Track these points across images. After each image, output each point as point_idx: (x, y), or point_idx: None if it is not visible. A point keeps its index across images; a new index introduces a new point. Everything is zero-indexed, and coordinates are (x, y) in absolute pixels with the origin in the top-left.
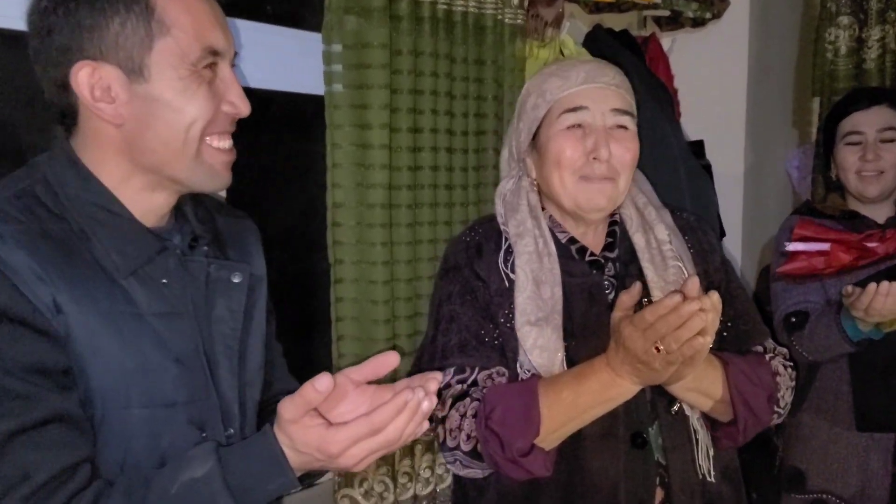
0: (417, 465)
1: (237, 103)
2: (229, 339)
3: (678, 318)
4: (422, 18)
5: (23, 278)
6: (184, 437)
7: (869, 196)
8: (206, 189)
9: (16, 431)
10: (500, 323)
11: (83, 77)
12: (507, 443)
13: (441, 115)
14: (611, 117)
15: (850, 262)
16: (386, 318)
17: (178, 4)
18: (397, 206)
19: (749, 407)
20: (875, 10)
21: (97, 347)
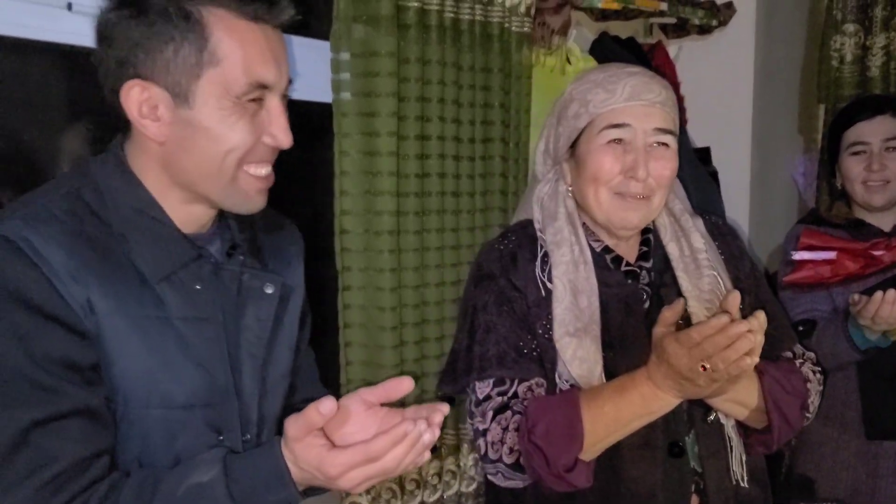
0: (425, 471)
1: (278, 136)
2: (254, 347)
3: (726, 339)
4: (429, 27)
5: (60, 277)
6: (200, 440)
7: (875, 205)
8: (237, 211)
9: (41, 421)
10: (539, 334)
11: (134, 94)
12: (551, 458)
13: (448, 123)
14: (652, 136)
15: (857, 270)
16: (393, 325)
17: (232, 37)
18: (405, 213)
19: (783, 415)
20: (880, 17)
21: (123, 348)
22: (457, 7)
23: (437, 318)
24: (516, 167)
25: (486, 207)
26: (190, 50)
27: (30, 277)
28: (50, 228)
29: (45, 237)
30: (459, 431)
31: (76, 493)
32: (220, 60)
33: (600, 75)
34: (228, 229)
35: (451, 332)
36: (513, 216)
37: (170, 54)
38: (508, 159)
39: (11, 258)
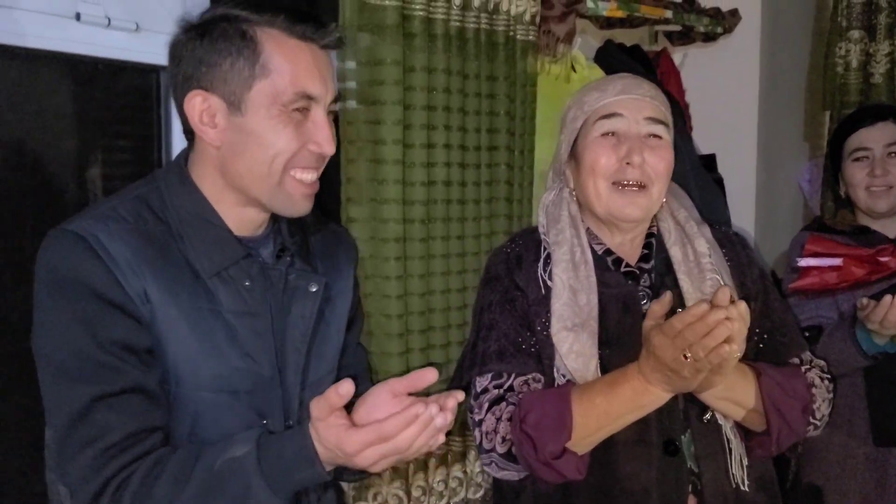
0: (431, 479)
1: (322, 144)
2: (298, 341)
3: (705, 326)
4: (434, 35)
5: (122, 269)
6: (245, 422)
7: (879, 211)
8: (283, 213)
9: (101, 396)
10: (538, 331)
11: (196, 103)
12: (539, 446)
13: (454, 131)
14: (645, 126)
15: (863, 276)
16: (399, 333)
17: (282, 52)
18: (410, 220)
19: (783, 417)
20: (884, 24)
21: (175, 334)
22: (462, 16)
23: (442, 326)
24: (521, 175)
25: (492, 215)
26: (244, 63)
27: (96, 269)
28: (116, 226)
29: (112, 234)
30: (466, 438)
31: (127, 463)
32: (270, 72)
33: (594, 82)
34: (280, 233)
35: (456, 340)
36: (518, 224)
37: (227, 67)
38: (514, 167)
39: (81, 251)
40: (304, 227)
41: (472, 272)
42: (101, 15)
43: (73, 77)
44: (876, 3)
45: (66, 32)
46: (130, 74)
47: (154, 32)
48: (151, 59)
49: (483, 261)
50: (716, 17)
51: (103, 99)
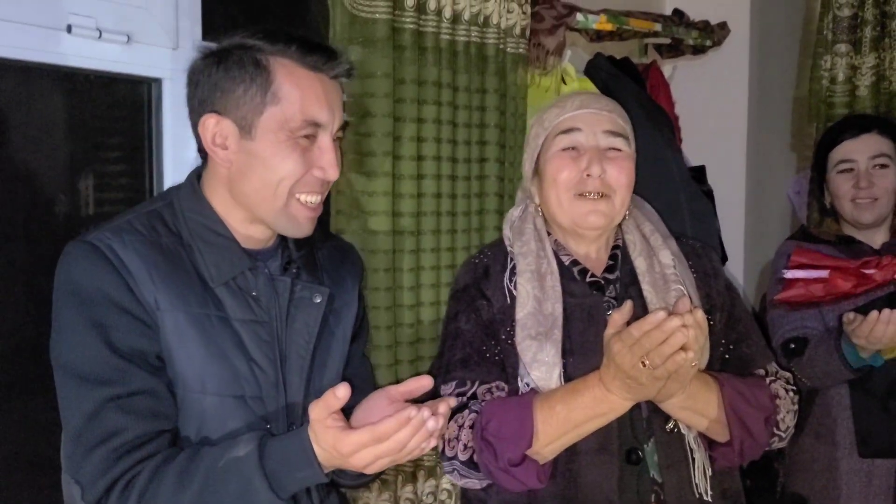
0: (420, 490)
1: (327, 169)
2: (302, 349)
3: (661, 333)
4: (425, 48)
5: (134, 278)
6: (250, 427)
7: (864, 223)
8: (287, 234)
9: (113, 397)
10: (502, 339)
11: (210, 125)
12: (499, 453)
13: (444, 143)
14: (603, 138)
15: (850, 289)
16: (388, 344)
17: (292, 81)
18: (400, 232)
19: (745, 427)
20: (870, 37)
21: (183, 340)
22: (452, 29)
23: (431, 337)
24: (511, 187)
25: (482, 227)
26: (257, 90)
27: (110, 278)
28: (131, 238)
29: (126, 245)
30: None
31: (135, 462)
32: (281, 100)
33: (554, 101)
34: (287, 247)
35: None
36: None
37: (240, 93)
38: (504, 179)
39: (96, 261)
40: (311, 241)
41: None
42: (92, 27)
43: (65, 89)
44: (862, 17)
45: (58, 45)
46: (122, 86)
47: (146, 45)
48: (143, 72)
49: None
50: (705, 30)
51: (95, 111)
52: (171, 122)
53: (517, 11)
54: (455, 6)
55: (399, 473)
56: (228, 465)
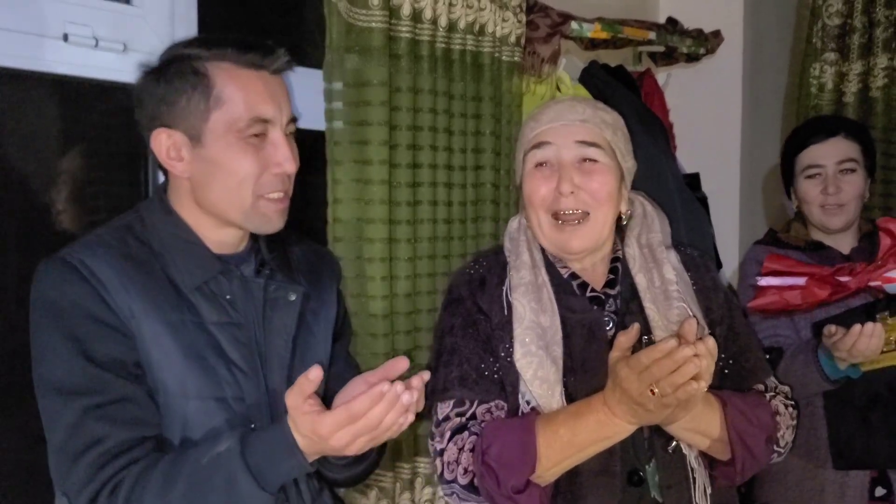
0: (418, 498)
1: (283, 163)
2: (281, 349)
3: (673, 363)
4: (420, 57)
5: (108, 289)
6: (233, 427)
7: (832, 228)
8: (259, 232)
9: (93, 406)
10: (501, 357)
11: (162, 140)
12: (502, 480)
13: (440, 151)
14: (575, 150)
15: (826, 297)
16: (385, 352)
17: (233, 82)
18: (396, 240)
19: (747, 447)
20: (857, 44)
21: (160, 346)
22: (448, 38)
23: (428, 345)
24: (507, 194)
25: (478, 234)
26: (199, 98)
27: (83, 291)
28: (102, 251)
29: (98, 258)
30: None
31: (119, 468)
32: (224, 103)
33: (535, 109)
34: (259, 251)
35: None
36: None
37: (184, 103)
38: (499, 186)
39: (69, 276)
40: (283, 242)
41: None
42: (88, 35)
43: (61, 97)
44: (850, 25)
45: (54, 53)
46: (118, 95)
47: (142, 53)
48: None
49: None
50: (699, 38)
51: (91, 119)
52: None
53: (512, 20)
54: (450, 15)
55: (397, 480)
56: (211, 461)
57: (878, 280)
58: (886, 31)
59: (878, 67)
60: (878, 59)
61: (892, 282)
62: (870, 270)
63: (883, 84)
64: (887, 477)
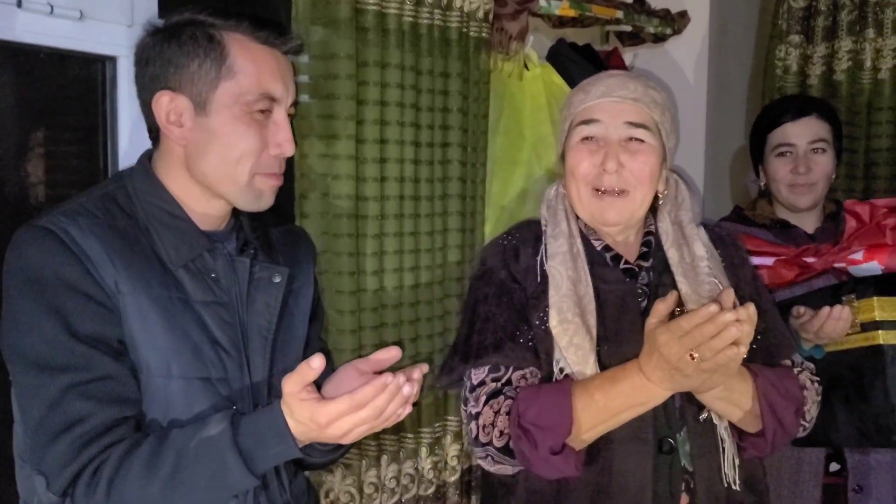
0: (383, 475)
1: (283, 145)
2: (264, 330)
3: (714, 327)
4: (388, 30)
5: (93, 262)
6: (216, 407)
7: (801, 207)
8: (248, 208)
9: (74, 384)
10: (535, 325)
11: (163, 102)
12: (539, 441)
13: (407, 127)
14: (624, 130)
15: (792, 278)
16: (352, 329)
17: (247, 56)
18: (363, 216)
19: (778, 419)
20: (822, 27)
21: (145, 323)
22: (415, 11)
23: (394, 322)
24: (474, 171)
25: (445, 212)
26: (211, 65)
27: (67, 262)
28: (86, 222)
29: (82, 229)
30: (419, 435)
31: (101, 449)
32: (236, 74)
33: (586, 81)
34: (242, 229)
35: (408, 336)
36: (471, 220)
37: (195, 68)
38: (467, 164)
39: (53, 246)
40: (264, 222)
41: (425, 268)
42: (43, 2)
43: (15, 66)
44: (815, 7)
45: (8, 20)
46: (75, 64)
47: (99, 21)
48: (97, 49)
49: (435, 257)
50: (665, 18)
51: (46, 89)
52: (127, 101)
53: None
54: None
55: (363, 458)
56: (201, 444)
57: (842, 262)
58: (851, 14)
59: (843, 50)
60: (843, 42)
61: (856, 263)
62: (835, 252)
63: (847, 67)
64: (841, 453)
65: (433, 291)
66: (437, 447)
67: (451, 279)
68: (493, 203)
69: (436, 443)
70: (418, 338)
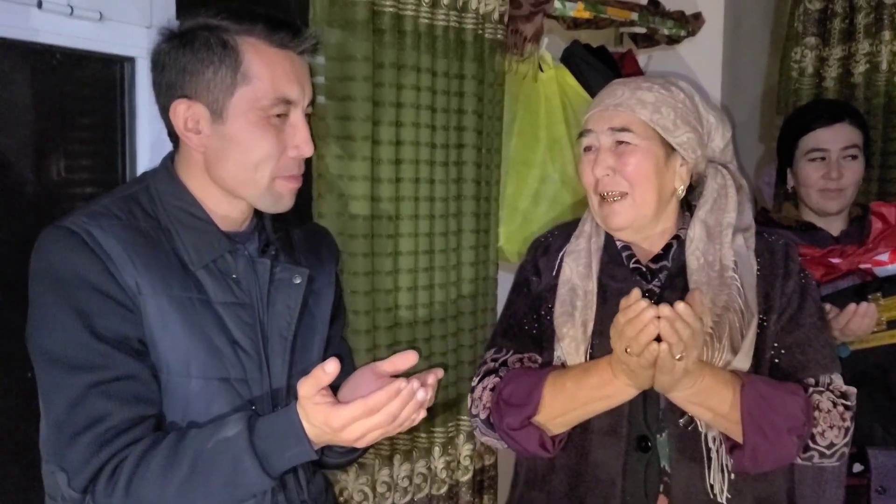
0: (396, 474)
1: (301, 146)
2: (284, 331)
3: (639, 322)
4: (404, 32)
5: (115, 263)
6: (234, 408)
7: (830, 212)
8: (269, 210)
9: (97, 383)
10: (542, 315)
11: (180, 110)
12: (504, 416)
13: (422, 128)
14: (609, 136)
15: (819, 278)
16: (367, 329)
17: (262, 60)
18: (378, 217)
19: (762, 432)
20: (838, 30)
21: (166, 324)
22: (431, 13)
23: (409, 322)
24: (489, 173)
25: (460, 212)
26: (227, 72)
27: (90, 263)
28: (109, 223)
29: (105, 230)
30: (431, 435)
31: (122, 447)
32: (251, 79)
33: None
34: (264, 230)
35: (422, 336)
36: (485, 221)
37: (210, 75)
38: (481, 165)
39: (76, 247)
40: (287, 222)
41: (439, 269)
42: (63, 3)
43: (35, 67)
44: (831, 9)
45: (28, 21)
46: (94, 65)
47: (118, 22)
48: (116, 50)
49: (450, 258)
50: (680, 20)
51: (66, 89)
52: (146, 101)
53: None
54: None
55: (377, 457)
56: (218, 445)
57: (868, 263)
58: (868, 17)
59: (860, 53)
60: (860, 45)
61: (882, 265)
62: (860, 253)
63: (864, 69)
64: (865, 454)
65: (447, 292)
66: (450, 447)
67: (465, 280)
68: (507, 204)
69: (449, 442)
70: (432, 338)
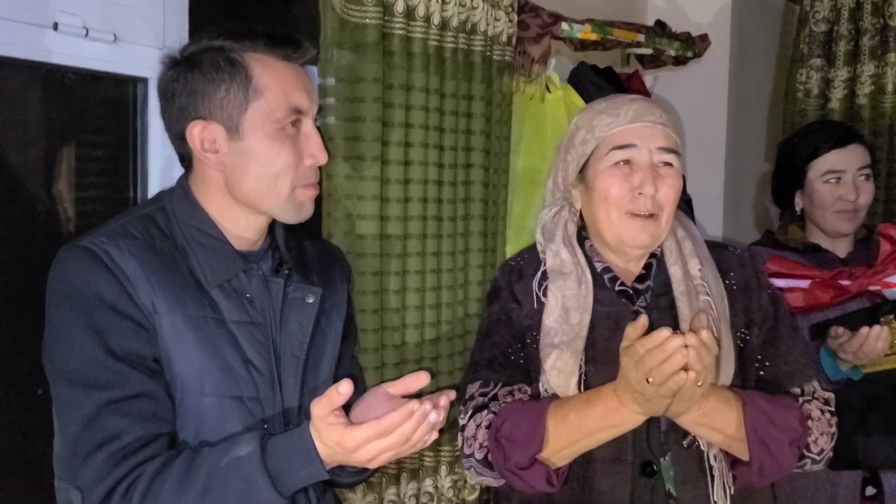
0: (403, 492)
1: (316, 154)
2: (297, 349)
3: (662, 353)
4: (413, 54)
5: (132, 282)
6: (247, 426)
7: (843, 232)
8: (289, 221)
9: (111, 401)
10: (528, 344)
11: (196, 132)
12: (509, 455)
13: (431, 149)
14: (657, 155)
15: (828, 300)
16: (375, 347)
17: (270, 72)
18: (387, 236)
19: (767, 449)
20: (844, 51)
21: (181, 342)
22: (441, 35)
23: (416, 342)
24: (496, 192)
25: (467, 232)
26: (238, 88)
27: (107, 282)
28: (126, 243)
29: (122, 249)
30: (438, 453)
31: (136, 465)
32: (263, 92)
33: (603, 104)
34: (277, 249)
35: (429, 355)
36: (492, 241)
37: (222, 94)
38: (489, 185)
39: (93, 266)
40: (301, 242)
41: (446, 288)
42: (79, 25)
43: (48, 87)
44: (837, 32)
45: (44, 42)
46: (107, 85)
47: (132, 44)
48: (129, 71)
49: (457, 277)
50: (686, 41)
51: (79, 110)
52: (158, 121)
53: (504, 19)
54: (443, 13)
55: (383, 475)
56: (231, 464)
57: (877, 285)
58: (873, 39)
59: (866, 75)
60: (865, 67)
61: (892, 287)
62: (869, 275)
63: (870, 91)
64: (878, 477)
65: (455, 311)
66: (457, 465)
67: (473, 299)
68: (514, 223)
69: (455, 461)
70: (439, 357)
